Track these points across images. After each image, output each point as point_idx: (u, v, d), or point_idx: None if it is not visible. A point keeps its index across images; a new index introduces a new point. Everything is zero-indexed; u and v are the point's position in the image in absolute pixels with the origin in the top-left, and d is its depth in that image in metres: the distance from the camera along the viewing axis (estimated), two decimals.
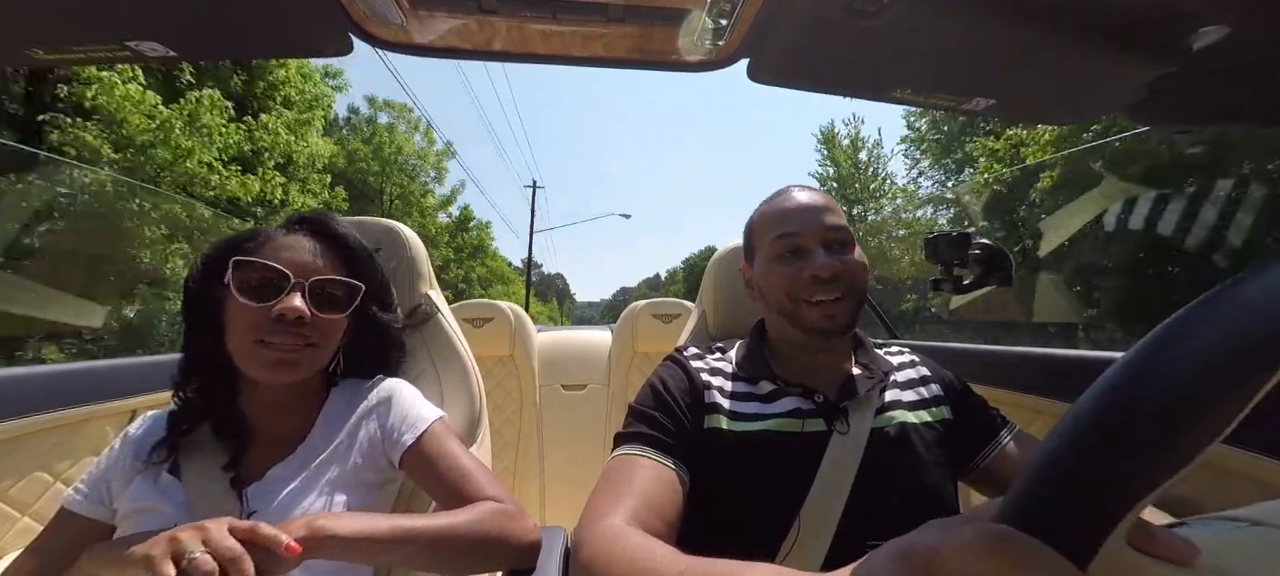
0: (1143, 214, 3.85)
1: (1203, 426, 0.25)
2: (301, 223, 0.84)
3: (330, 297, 0.80)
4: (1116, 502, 0.26)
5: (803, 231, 0.83)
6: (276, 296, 0.75)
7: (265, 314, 0.74)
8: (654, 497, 0.66)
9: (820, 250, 0.81)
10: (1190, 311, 0.28)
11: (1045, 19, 0.72)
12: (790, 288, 0.82)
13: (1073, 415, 0.29)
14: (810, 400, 0.80)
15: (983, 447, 0.82)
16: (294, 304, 0.75)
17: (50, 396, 1.06)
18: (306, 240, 0.81)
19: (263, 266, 0.75)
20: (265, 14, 0.80)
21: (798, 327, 0.83)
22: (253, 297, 0.74)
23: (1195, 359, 0.26)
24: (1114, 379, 0.28)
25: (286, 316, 0.74)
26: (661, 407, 0.78)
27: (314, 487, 0.75)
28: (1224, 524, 0.29)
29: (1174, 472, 0.26)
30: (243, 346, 0.74)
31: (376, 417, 0.83)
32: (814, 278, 0.80)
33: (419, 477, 0.80)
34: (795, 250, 0.83)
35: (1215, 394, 0.25)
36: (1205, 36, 0.69)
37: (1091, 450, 0.27)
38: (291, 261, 0.77)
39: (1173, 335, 0.28)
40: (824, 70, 0.94)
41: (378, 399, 0.85)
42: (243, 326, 0.74)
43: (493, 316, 2.17)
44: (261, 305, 0.74)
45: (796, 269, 0.82)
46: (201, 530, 0.52)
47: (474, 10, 0.82)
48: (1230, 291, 0.27)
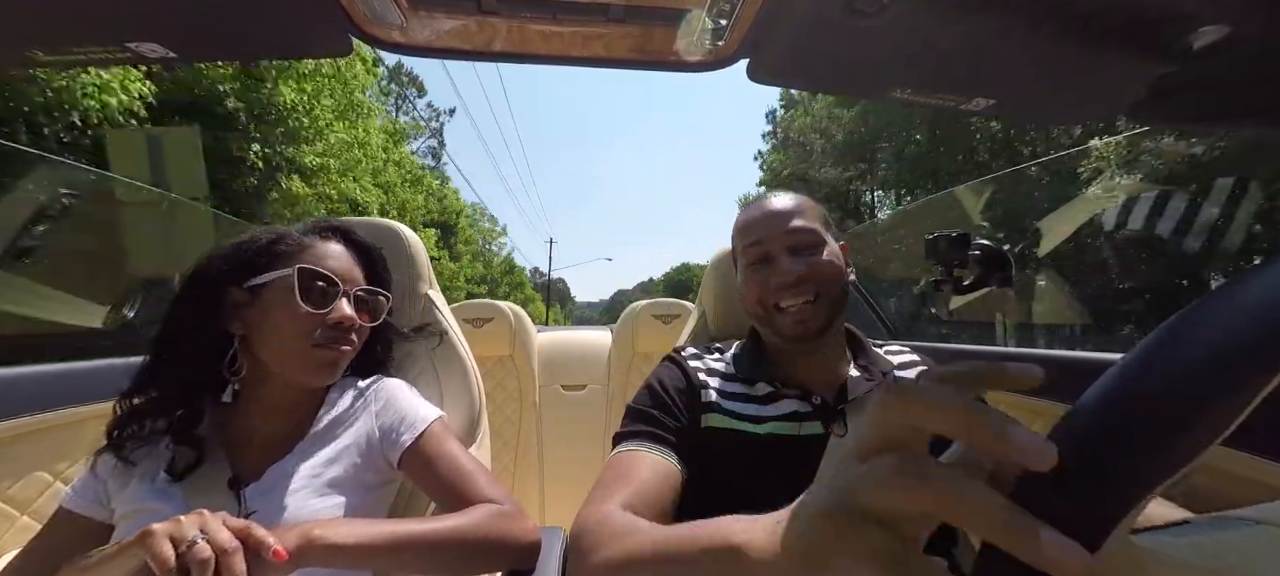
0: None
1: (1202, 428, 0.25)
2: (332, 231, 0.86)
3: (368, 306, 0.85)
4: (1114, 506, 0.26)
5: (766, 238, 0.83)
6: (330, 303, 0.79)
7: (321, 320, 0.77)
8: (648, 489, 0.67)
9: (785, 256, 0.81)
10: (1187, 314, 0.28)
11: (1046, 19, 0.72)
12: (761, 295, 0.83)
13: (1065, 423, 0.29)
14: (807, 403, 0.80)
15: None
16: (348, 311, 0.80)
17: (49, 395, 1.06)
18: (343, 248, 0.85)
19: (324, 275, 0.79)
20: (264, 14, 0.80)
21: (775, 333, 0.83)
22: (313, 303, 0.77)
23: (1193, 361, 0.26)
24: (1106, 386, 0.28)
25: (344, 324, 0.79)
26: (659, 405, 0.78)
27: (312, 488, 0.74)
28: (1224, 524, 0.29)
29: (1171, 475, 0.26)
30: (296, 349, 0.77)
31: (375, 418, 0.83)
32: (780, 284, 0.80)
33: (418, 478, 0.80)
34: (763, 258, 0.84)
35: (1215, 395, 0.25)
36: (1206, 36, 0.69)
37: (1087, 455, 0.27)
38: (338, 270, 0.81)
39: (1169, 338, 0.28)
40: (823, 70, 0.94)
41: (376, 399, 0.85)
42: (297, 330, 0.77)
43: (492, 316, 2.16)
44: (319, 311, 0.77)
45: (764, 276, 0.82)
46: (201, 518, 0.53)
47: (473, 11, 0.82)
48: (1228, 292, 0.27)
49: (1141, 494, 0.26)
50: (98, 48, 0.83)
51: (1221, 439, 0.25)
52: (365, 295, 0.84)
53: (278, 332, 0.77)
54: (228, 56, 1.02)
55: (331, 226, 0.87)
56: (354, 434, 0.81)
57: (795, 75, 0.95)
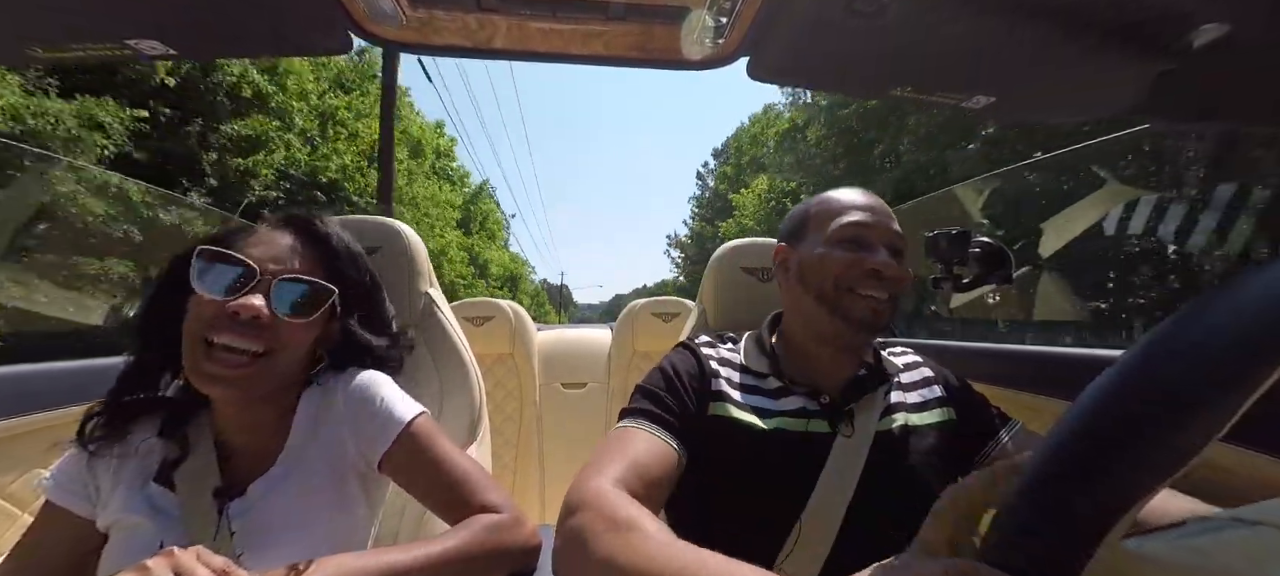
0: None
1: (1196, 429, 0.26)
2: (287, 222, 0.79)
3: (298, 301, 0.72)
4: (1108, 511, 0.27)
5: (874, 224, 0.83)
6: (238, 292, 0.68)
7: (220, 308, 0.67)
8: (644, 466, 0.66)
9: (884, 249, 0.81)
10: (1178, 317, 0.28)
11: (1045, 18, 0.72)
12: (845, 272, 0.80)
13: (1052, 436, 0.29)
14: (815, 401, 0.80)
15: (983, 445, 0.82)
16: (251, 302, 0.67)
17: (48, 395, 1.06)
18: (286, 237, 0.75)
19: (227, 256, 0.69)
20: (264, 12, 0.80)
21: (836, 316, 0.81)
22: (211, 289, 0.68)
23: (1189, 363, 0.26)
24: (1104, 386, 0.29)
25: (241, 314, 0.67)
26: (668, 388, 0.78)
27: (295, 504, 0.71)
28: (1218, 525, 0.29)
29: (1169, 476, 0.26)
30: (189, 344, 0.68)
31: (349, 420, 0.76)
32: (874, 271, 0.79)
33: (402, 481, 0.75)
34: (858, 239, 0.82)
35: (1211, 394, 0.25)
36: (1205, 34, 0.69)
37: (1075, 467, 0.28)
38: (261, 256, 0.71)
39: (1164, 339, 0.28)
40: (823, 68, 0.94)
41: (349, 398, 0.77)
42: (194, 319, 0.68)
43: (493, 315, 2.16)
44: (217, 298, 0.67)
45: (857, 258, 0.80)
46: (172, 559, 0.51)
47: (473, 8, 0.82)
48: (1220, 296, 0.28)
49: (1139, 496, 0.26)
50: (97, 45, 0.83)
51: (1219, 437, 0.25)
52: (292, 284, 0.72)
53: (185, 327, 0.69)
54: (227, 54, 1.02)
55: (289, 218, 0.79)
56: (332, 439, 0.75)
57: (795, 73, 0.95)
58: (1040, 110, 1.12)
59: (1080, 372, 1.01)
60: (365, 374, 0.80)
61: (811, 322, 0.85)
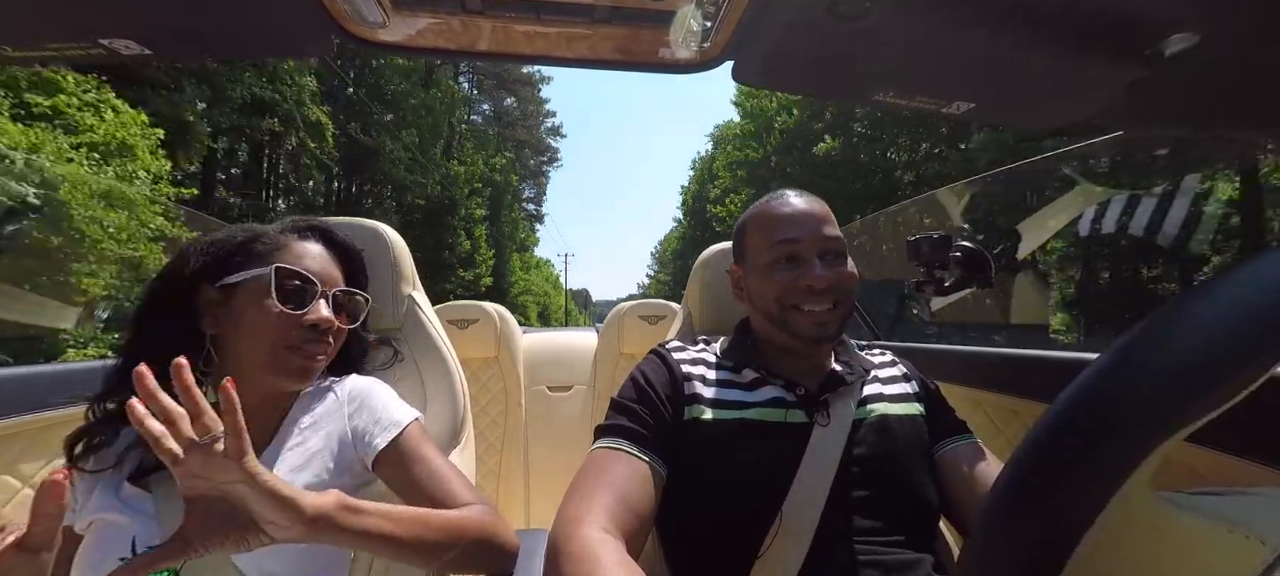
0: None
1: (1179, 422, 0.26)
2: (311, 230, 0.83)
3: (346, 308, 0.82)
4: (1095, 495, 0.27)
5: (802, 239, 0.83)
6: (307, 304, 0.76)
7: (298, 322, 0.74)
8: (629, 493, 0.67)
9: (817, 260, 0.81)
10: (1160, 314, 0.29)
11: (1026, 24, 0.74)
12: (783, 294, 0.82)
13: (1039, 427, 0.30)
14: (792, 392, 0.80)
15: (938, 441, 0.83)
16: (326, 314, 0.77)
17: (17, 398, 1.03)
18: (316, 245, 0.82)
19: (302, 275, 0.76)
20: (245, 12, 0.79)
21: (785, 333, 0.83)
22: (290, 304, 0.74)
23: (1168, 361, 0.27)
24: (1084, 384, 0.29)
25: (320, 326, 0.76)
26: (642, 400, 0.78)
27: None
28: (1251, 492, 0.31)
29: (1140, 461, 0.27)
30: (270, 352, 0.74)
31: (348, 419, 0.80)
32: (809, 288, 0.80)
33: (393, 481, 0.78)
34: (793, 257, 0.83)
35: (1188, 394, 0.26)
36: (1178, 42, 0.71)
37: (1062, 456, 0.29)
38: (317, 270, 0.78)
39: (1148, 337, 0.29)
40: (807, 72, 0.94)
41: (348, 399, 0.82)
42: (273, 332, 0.74)
43: (478, 318, 2.14)
44: (297, 313, 0.75)
45: (793, 276, 0.82)
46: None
47: (457, 10, 0.82)
48: (1201, 292, 0.28)
49: (1117, 484, 0.27)
50: (71, 44, 0.81)
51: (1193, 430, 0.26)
52: (343, 297, 0.81)
53: (250, 334, 0.74)
54: (207, 56, 0.99)
55: (311, 225, 0.84)
56: (326, 436, 0.78)
57: (779, 77, 0.96)
58: (1020, 115, 1.14)
59: (1058, 375, 1.03)
60: (364, 379, 0.86)
61: (770, 336, 0.87)
